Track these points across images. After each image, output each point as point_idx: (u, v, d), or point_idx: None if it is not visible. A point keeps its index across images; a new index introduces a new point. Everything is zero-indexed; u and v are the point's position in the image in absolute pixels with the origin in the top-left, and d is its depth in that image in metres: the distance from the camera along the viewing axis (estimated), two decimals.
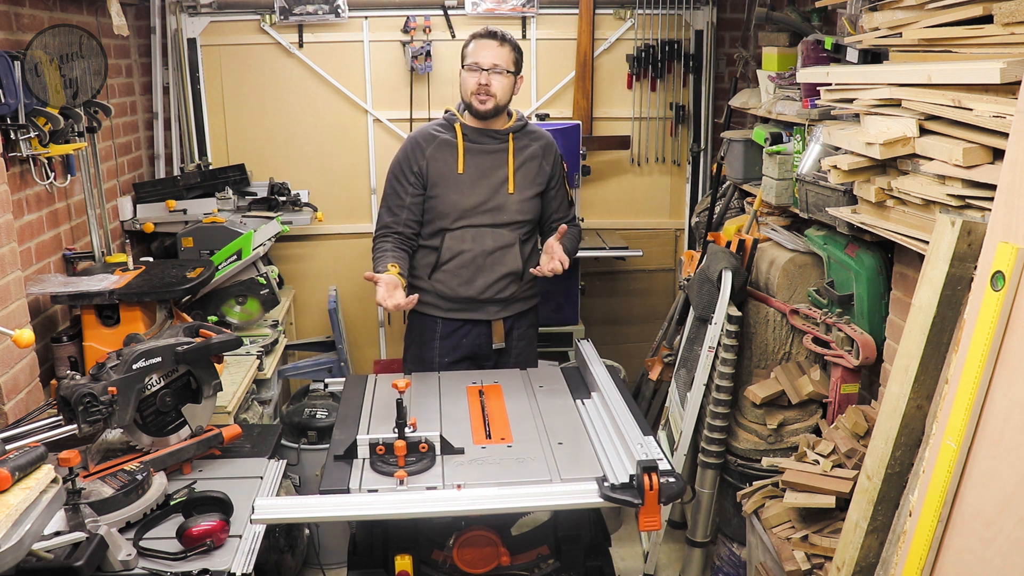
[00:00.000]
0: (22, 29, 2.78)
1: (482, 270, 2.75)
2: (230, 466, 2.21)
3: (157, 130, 3.97)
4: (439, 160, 2.73)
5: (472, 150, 2.74)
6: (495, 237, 2.75)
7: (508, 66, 2.67)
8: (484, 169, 2.74)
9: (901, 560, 1.68)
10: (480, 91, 2.65)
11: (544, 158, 2.80)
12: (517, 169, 2.75)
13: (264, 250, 3.45)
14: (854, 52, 2.46)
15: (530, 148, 2.79)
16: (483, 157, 2.74)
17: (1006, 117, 1.66)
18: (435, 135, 2.76)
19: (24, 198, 2.75)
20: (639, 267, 4.42)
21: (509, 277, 2.78)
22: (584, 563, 2.04)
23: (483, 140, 2.75)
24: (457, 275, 2.76)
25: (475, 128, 2.75)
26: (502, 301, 2.81)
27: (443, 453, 1.99)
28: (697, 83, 4.25)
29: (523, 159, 2.77)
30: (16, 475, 1.46)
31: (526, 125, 2.83)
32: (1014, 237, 1.52)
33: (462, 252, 2.74)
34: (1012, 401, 1.49)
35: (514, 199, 2.75)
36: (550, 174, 2.82)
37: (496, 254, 2.75)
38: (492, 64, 2.65)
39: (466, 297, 2.77)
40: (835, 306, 2.67)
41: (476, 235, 2.74)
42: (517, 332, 2.88)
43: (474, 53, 2.68)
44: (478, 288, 2.76)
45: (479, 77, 2.65)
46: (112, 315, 2.73)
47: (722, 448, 2.80)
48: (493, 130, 2.75)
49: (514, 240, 2.77)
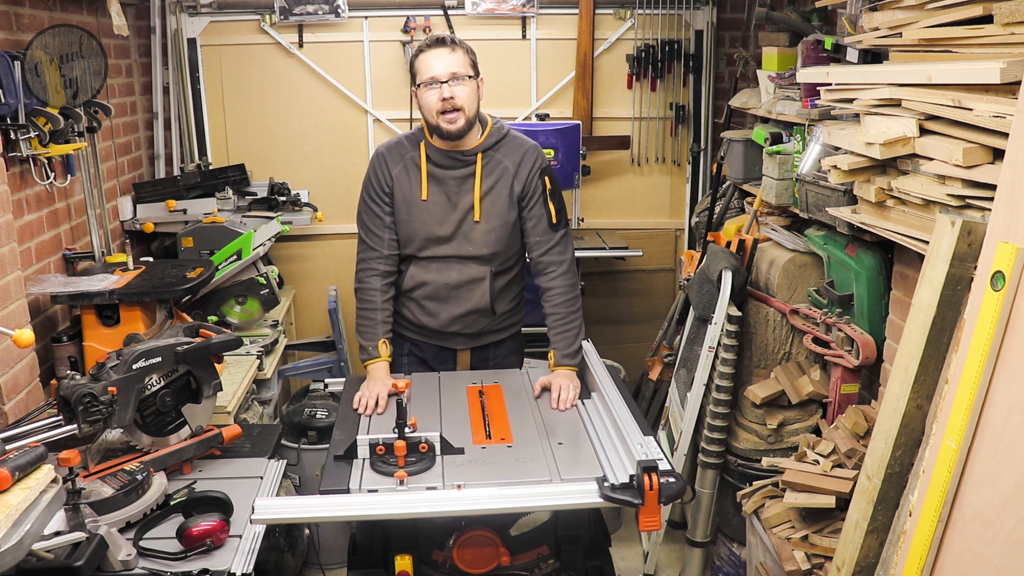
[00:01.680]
0: (22, 29, 2.78)
1: (446, 303, 2.55)
2: (230, 466, 2.21)
3: (157, 130, 3.97)
4: (403, 182, 2.50)
5: (436, 175, 2.48)
6: (461, 270, 2.52)
7: (467, 71, 2.38)
8: (450, 196, 2.48)
9: (901, 560, 1.68)
10: (446, 107, 2.35)
11: (516, 176, 2.49)
12: (484, 195, 2.48)
13: (264, 250, 3.45)
14: (854, 52, 2.46)
15: (500, 166, 2.49)
16: (448, 184, 2.48)
17: (1006, 117, 1.66)
18: (402, 153, 2.51)
19: (24, 198, 2.75)
20: (639, 267, 4.42)
21: (476, 313, 2.56)
22: (584, 563, 2.04)
23: (448, 163, 2.47)
24: (421, 305, 2.57)
25: (441, 150, 2.47)
26: (469, 335, 2.62)
27: (443, 453, 1.99)
28: (697, 83, 4.25)
29: (492, 182, 2.48)
30: (16, 475, 1.46)
31: (503, 138, 2.51)
32: (1014, 237, 1.52)
33: (425, 283, 2.54)
34: (1012, 401, 1.49)
35: (480, 229, 2.48)
36: (521, 192, 2.50)
37: (462, 289, 2.53)
38: (450, 74, 2.35)
39: (429, 327, 2.60)
40: (835, 306, 2.67)
41: (441, 267, 2.52)
42: (494, 361, 2.70)
43: (427, 67, 2.37)
44: (442, 321, 2.57)
45: (440, 91, 2.35)
46: (112, 315, 2.73)
47: (722, 448, 2.80)
48: (461, 152, 2.46)
49: (483, 274, 2.52)
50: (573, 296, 2.55)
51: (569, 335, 2.50)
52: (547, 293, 2.55)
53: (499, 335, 2.68)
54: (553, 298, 2.53)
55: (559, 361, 2.48)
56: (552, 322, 2.53)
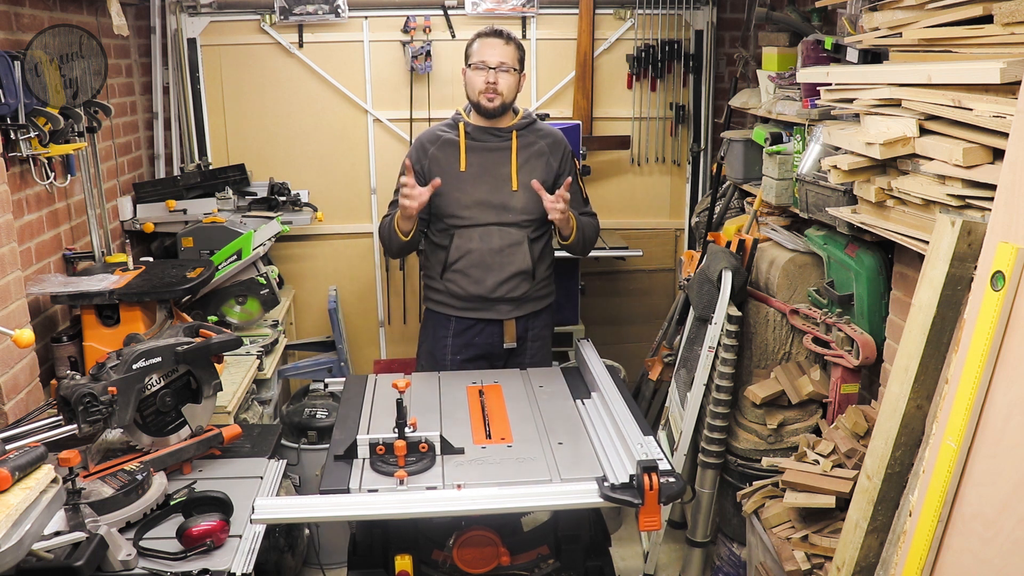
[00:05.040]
0: (22, 29, 2.78)
1: (491, 269, 2.77)
2: (230, 466, 2.21)
3: (157, 130, 3.97)
4: (441, 159, 2.77)
5: (474, 147, 2.77)
6: (502, 235, 2.76)
7: (514, 64, 2.71)
8: (487, 166, 2.76)
9: (901, 560, 1.68)
10: (488, 89, 2.69)
11: (551, 154, 2.81)
12: (521, 166, 2.76)
13: (264, 250, 3.45)
14: (854, 52, 2.46)
15: (536, 145, 2.80)
16: (485, 155, 2.77)
17: (1006, 117, 1.66)
18: (440, 135, 2.80)
19: (24, 198, 2.75)
20: (639, 267, 4.42)
21: (520, 276, 2.79)
22: (584, 563, 2.05)
23: (486, 138, 2.78)
24: (467, 274, 2.77)
25: (479, 127, 2.78)
26: (514, 300, 2.82)
27: (443, 453, 1.99)
28: (697, 83, 4.25)
29: (527, 156, 2.78)
30: (16, 475, 1.46)
31: (534, 123, 2.84)
32: (1014, 237, 1.52)
33: (470, 251, 2.76)
34: (1012, 401, 1.49)
35: (519, 196, 2.76)
36: (558, 170, 2.82)
37: (504, 252, 2.76)
38: (499, 62, 2.68)
39: (477, 295, 2.79)
40: (835, 306, 2.67)
41: (483, 234, 2.76)
42: (532, 333, 2.89)
43: (480, 52, 2.71)
44: (489, 287, 2.77)
45: (487, 76, 2.68)
46: (112, 315, 2.73)
47: (722, 448, 2.80)
48: (497, 128, 2.78)
49: (522, 238, 2.78)
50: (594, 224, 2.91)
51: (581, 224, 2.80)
52: None
53: (539, 303, 2.89)
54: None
55: None
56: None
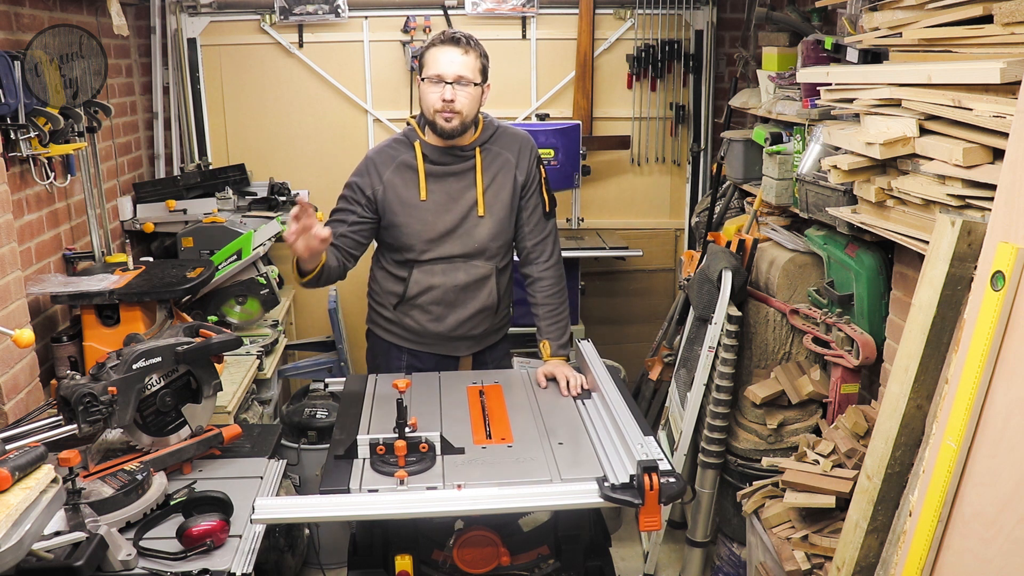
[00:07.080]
0: (22, 29, 2.78)
1: (454, 306, 2.51)
2: (230, 466, 2.20)
3: (157, 130, 3.97)
4: (398, 185, 2.43)
5: (435, 173, 2.43)
6: (468, 270, 2.49)
7: (475, 77, 2.34)
8: (451, 193, 2.44)
9: (901, 560, 1.68)
10: (444, 108, 2.32)
11: (517, 167, 2.49)
12: (487, 187, 2.46)
13: (264, 250, 3.45)
14: (854, 52, 2.46)
15: (500, 158, 2.48)
16: (447, 180, 2.44)
17: (1006, 117, 1.66)
18: (394, 156, 2.45)
19: (24, 198, 2.75)
20: (639, 267, 4.42)
21: (483, 313, 2.55)
22: (584, 563, 2.04)
23: (447, 160, 2.43)
24: (427, 311, 2.52)
25: (438, 148, 2.43)
26: (474, 337, 2.60)
27: (443, 453, 1.99)
28: (697, 83, 4.25)
29: (493, 173, 2.47)
30: (16, 475, 1.46)
31: (496, 131, 2.50)
32: (1014, 237, 1.52)
33: (431, 287, 2.49)
34: (1012, 401, 1.49)
35: (485, 222, 2.47)
36: (524, 181, 2.51)
37: (469, 289, 2.50)
38: (456, 76, 2.31)
39: (434, 333, 2.55)
40: (835, 306, 2.67)
41: (447, 269, 2.48)
42: (492, 364, 2.69)
43: (434, 63, 2.33)
44: (449, 325, 2.53)
45: (442, 92, 2.31)
46: (112, 315, 2.73)
47: (722, 448, 2.80)
48: (459, 148, 2.43)
49: (490, 271, 2.51)
50: (562, 287, 2.58)
51: (561, 325, 2.55)
52: (538, 283, 2.56)
53: (497, 336, 2.69)
54: (545, 288, 2.55)
55: (555, 352, 2.50)
56: (544, 312, 2.55)
